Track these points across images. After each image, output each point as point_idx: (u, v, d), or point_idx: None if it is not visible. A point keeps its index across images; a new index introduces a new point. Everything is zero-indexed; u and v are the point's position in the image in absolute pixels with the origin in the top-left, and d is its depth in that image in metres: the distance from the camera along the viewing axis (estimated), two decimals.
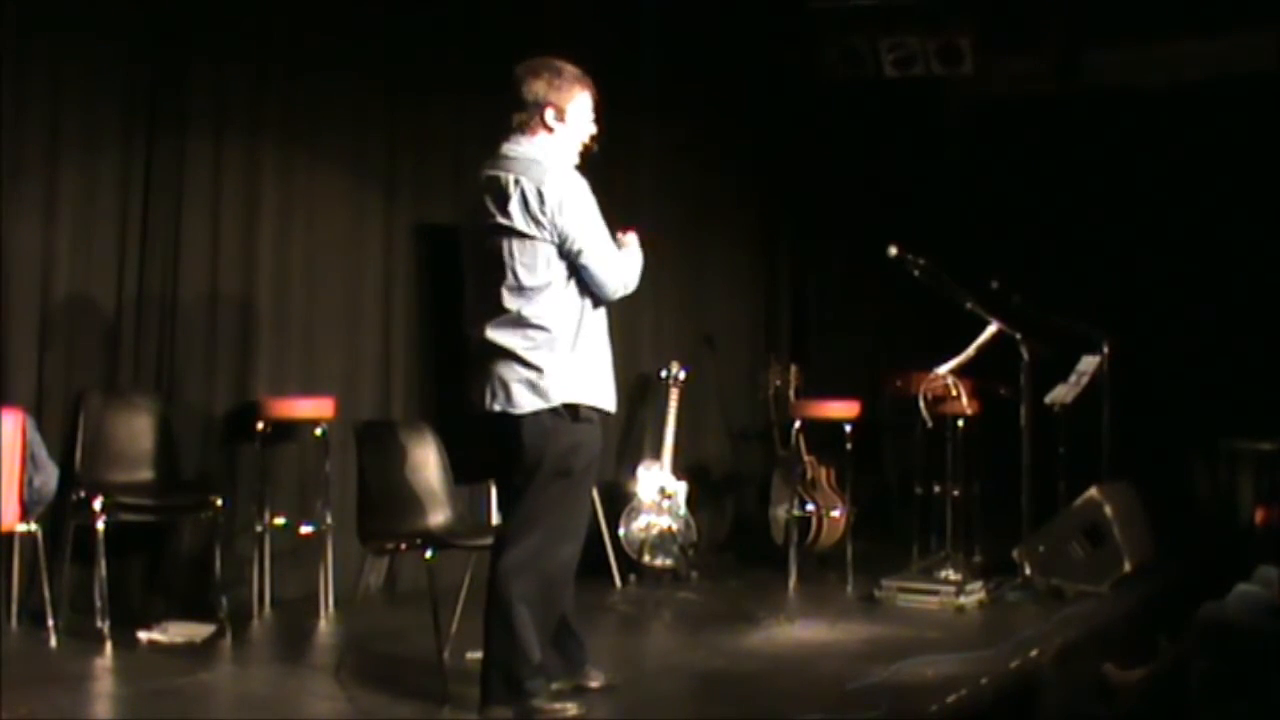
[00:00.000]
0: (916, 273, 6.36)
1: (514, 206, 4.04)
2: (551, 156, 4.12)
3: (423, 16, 6.51)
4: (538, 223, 4.03)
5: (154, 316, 5.68)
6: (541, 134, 4.13)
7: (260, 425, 5.72)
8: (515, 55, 6.87)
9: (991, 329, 6.44)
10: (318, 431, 5.85)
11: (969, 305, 6.47)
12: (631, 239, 4.29)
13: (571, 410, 4.08)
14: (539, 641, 4.08)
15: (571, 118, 4.15)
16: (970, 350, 6.45)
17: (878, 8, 7.46)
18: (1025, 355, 6.53)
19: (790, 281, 8.92)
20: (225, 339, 5.90)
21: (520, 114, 4.11)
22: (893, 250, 6.31)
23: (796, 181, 8.73)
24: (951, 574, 6.24)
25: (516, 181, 4.05)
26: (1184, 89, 8.14)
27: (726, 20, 7.66)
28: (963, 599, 6.04)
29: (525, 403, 4.05)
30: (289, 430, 5.94)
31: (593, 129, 4.22)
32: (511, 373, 4.07)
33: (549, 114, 4.11)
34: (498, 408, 4.09)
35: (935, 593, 6.09)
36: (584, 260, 4.06)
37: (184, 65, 5.73)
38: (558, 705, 4.10)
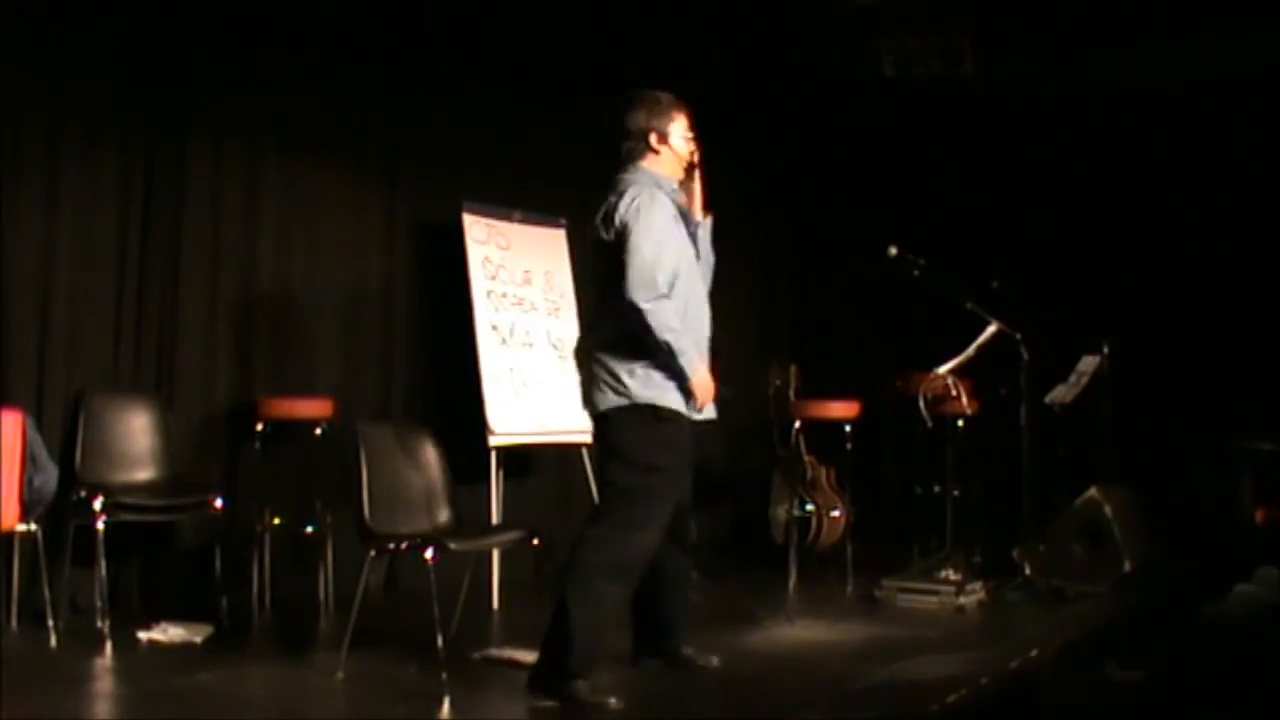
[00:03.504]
0: (916, 273, 6.36)
1: (599, 219, 4.39)
2: (650, 177, 4.44)
3: (423, 17, 6.51)
4: (608, 229, 4.34)
5: (154, 316, 5.69)
6: (649, 157, 4.48)
7: (260, 425, 5.73)
8: (514, 56, 6.91)
9: (991, 329, 6.44)
10: (318, 431, 5.84)
11: (969, 305, 6.47)
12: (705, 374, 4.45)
13: (651, 410, 4.35)
14: (598, 635, 4.27)
15: (673, 140, 4.51)
16: (970, 350, 6.45)
17: (878, 8, 7.45)
18: (1025, 355, 6.53)
19: (790, 281, 8.92)
20: (225, 339, 5.90)
21: (627, 143, 4.49)
22: (893, 250, 6.31)
23: (796, 181, 8.73)
24: (951, 574, 6.24)
25: (608, 199, 4.39)
26: (1185, 89, 8.14)
27: (726, 20, 7.65)
28: (963, 599, 6.04)
29: (603, 402, 4.36)
30: (289, 430, 5.94)
31: (692, 146, 4.56)
32: (594, 375, 4.41)
33: (652, 139, 4.48)
34: (587, 408, 4.49)
35: (935, 593, 6.09)
36: (624, 254, 4.26)
37: (185, 66, 5.73)
38: (600, 696, 4.21)
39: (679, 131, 4.52)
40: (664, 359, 4.31)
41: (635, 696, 4.38)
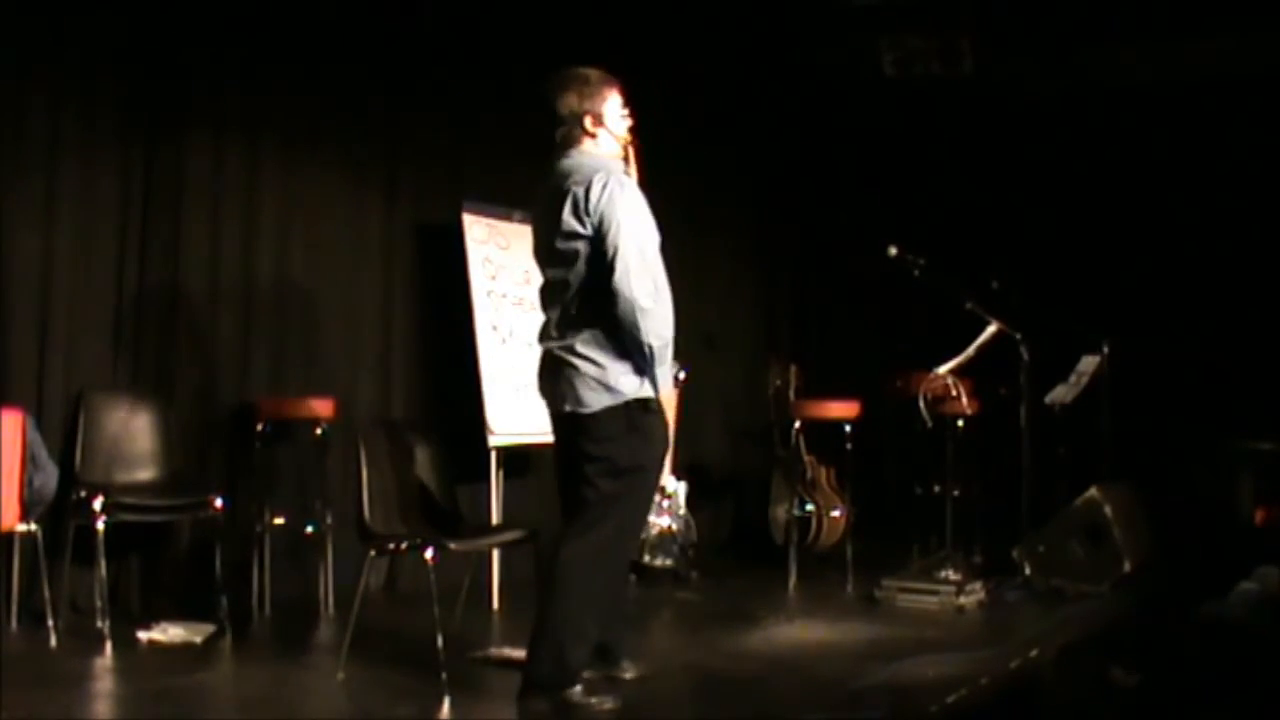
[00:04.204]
0: (916, 273, 6.36)
1: (566, 211, 4.14)
2: (604, 162, 4.23)
3: (423, 16, 6.51)
4: (582, 220, 4.12)
5: (154, 316, 5.68)
6: (586, 142, 4.26)
7: (260, 425, 5.72)
8: (514, 56, 6.91)
9: (991, 329, 6.44)
10: (318, 431, 5.84)
11: (969, 305, 6.47)
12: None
13: (642, 404, 4.18)
14: (595, 636, 4.18)
15: (608, 120, 4.28)
16: (970, 350, 6.45)
17: (878, 8, 7.45)
18: (1025, 355, 6.53)
19: (790, 281, 8.93)
20: (225, 339, 5.90)
21: (561, 129, 4.25)
22: (893, 250, 6.31)
23: (797, 181, 8.73)
24: (951, 574, 6.23)
25: (569, 189, 4.16)
26: (1184, 89, 8.14)
27: (726, 20, 7.66)
28: (963, 599, 6.04)
29: (594, 401, 4.15)
30: (289, 430, 5.94)
31: (628, 123, 4.34)
32: (579, 374, 4.16)
33: (587, 122, 4.25)
34: (567, 408, 4.21)
35: (935, 593, 6.09)
36: (609, 248, 4.10)
37: (184, 65, 5.72)
38: (594, 698, 4.15)
39: (614, 110, 4.28)
40: (638, 359, 4.16)
41: (633, 698, 4.38)
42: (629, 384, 4.17)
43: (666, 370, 4.27)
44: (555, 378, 4.26)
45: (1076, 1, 7.48)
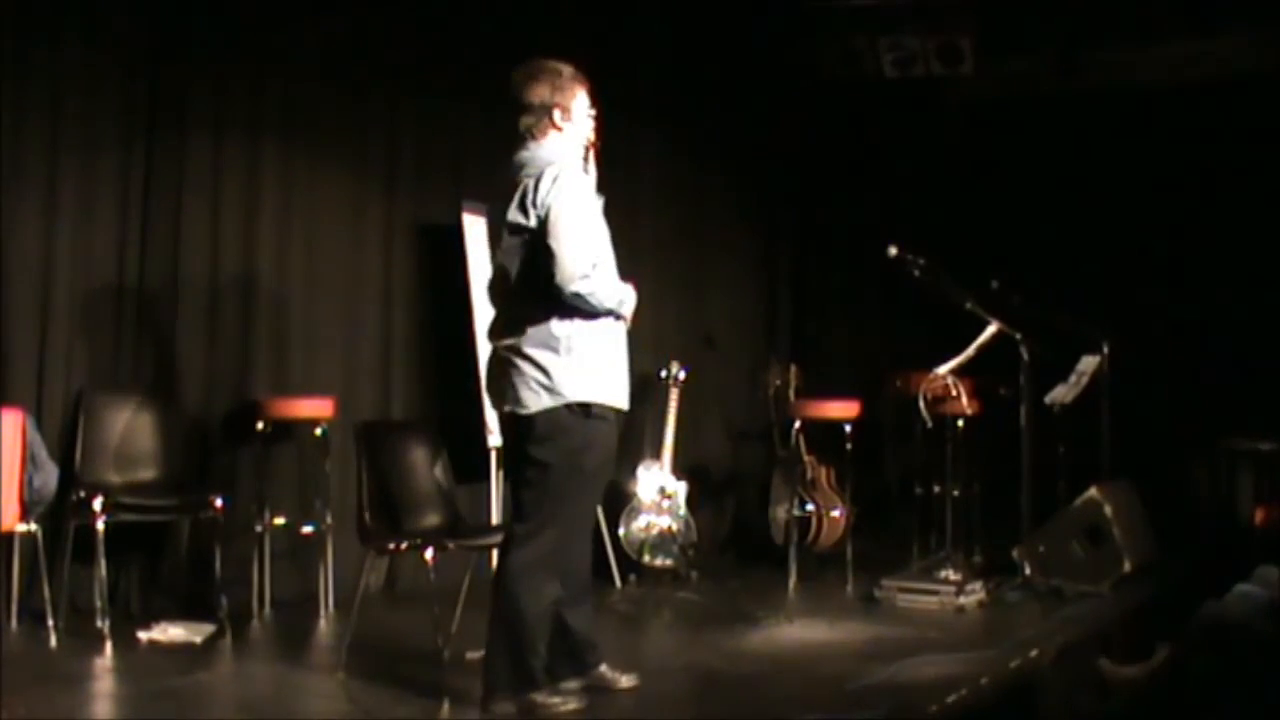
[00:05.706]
0: (916, 273, 6.36)
1: (514, 204, 4.11)
2: (560, 155, 4.17)
3: (423, 16, 6.51)
4: (527, 212, 4.08)
5: (154, 316, 5.69)
6: (551, 134, 4.21)
7: (260, 425, 5.72)
8: (515, 56, 6.87)
9: (991, 329, 6.44)
10: (318, 431, 5.84)
11: (969, 305, 6.47)
12: (629, 289, 4.28)
13: (584, 408, 4.11)
14: (545, 637, 4.13)
15: (576, 116, 4.24)
16: (970, 350, 6.45)
17: (878, 8, 7.46)
18: (1025, 355, 6.53)
19: (790, 281, 8.93)
20: (225, 339, 5.90)
21: (527, 118, 4.20)
22: (893, 250, 6.31)
23: (796, 182, 8.73)
24: (951, 574, 6.23)
25: (521, 181, 4.13)
26: (1184, 89, 8.14)
27: (727, 20, 7.66)
28: (963, 599, 6.04)
29: (534, 402, 4.09)
30: (289, 430, 5.94)
31: (593, 123, 4.29)
32: (520, 374, 4.11)
33: (556, 115, 4.20)
34: (507, 408, 4.17)
35: (935, 593, 6.09)
36: (551, 240, 4.02)
37: (184, 65, 5.72)
38: (558, 699, 4.12)
39: (581, 108, 4.24)
40: (614, 318, 4.15)
41: (632, 700, 4.38)
42: (569, 386, 4.09)
43: (629, 305, 4.21)
44: (500, 377, 4.20)
45: (1076, 1, 7.48)
